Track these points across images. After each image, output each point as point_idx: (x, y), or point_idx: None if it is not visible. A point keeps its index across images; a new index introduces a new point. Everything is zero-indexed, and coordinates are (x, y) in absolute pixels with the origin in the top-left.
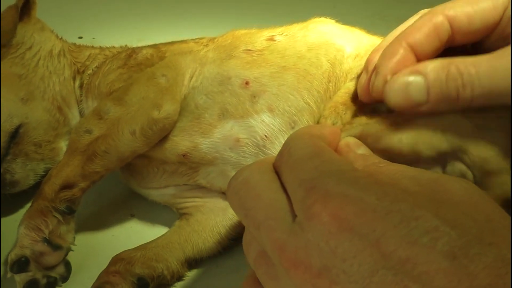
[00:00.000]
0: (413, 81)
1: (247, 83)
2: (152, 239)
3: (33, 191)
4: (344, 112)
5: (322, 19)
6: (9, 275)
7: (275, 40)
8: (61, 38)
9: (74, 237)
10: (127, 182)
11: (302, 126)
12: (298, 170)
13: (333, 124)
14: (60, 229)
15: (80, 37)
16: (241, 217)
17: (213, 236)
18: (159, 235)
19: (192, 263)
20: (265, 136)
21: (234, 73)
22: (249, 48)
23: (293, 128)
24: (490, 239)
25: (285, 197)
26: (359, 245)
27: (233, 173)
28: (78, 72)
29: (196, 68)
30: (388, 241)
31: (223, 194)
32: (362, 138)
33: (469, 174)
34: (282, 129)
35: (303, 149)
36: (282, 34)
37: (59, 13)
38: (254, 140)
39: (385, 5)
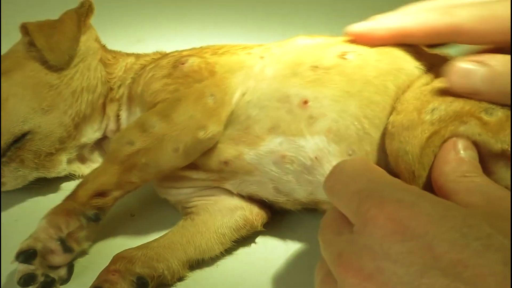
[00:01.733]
0: (478, 70)
1: (305, 102)
2: (153, 239)
3: (33, 192)
4: (450, 101)
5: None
6: (13, 262)
7: (346, 58)
8: (104, 45)
9: (90, 245)
10: None
11: (359, 155)
12: (351, 183)
13: (434, 109)
14: (79, 234)
15: None
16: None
17: (217, 238)
18: (160, 235)
19: (193, 263)
20: (315, 157)
21: (293, 92)
22: (316, 64)
23: (350, 155)
24: None
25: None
26: (411, 246)
27: (270, 184)
28: (111, 89)
29: (250, 85)
30: (440, 244)
31: (240, 195)
32: (476, 142)
33: None
34: (337, 155)
35: (354, 166)
36: (355, 52)
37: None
38: (302, 159)
39: (385, 5)
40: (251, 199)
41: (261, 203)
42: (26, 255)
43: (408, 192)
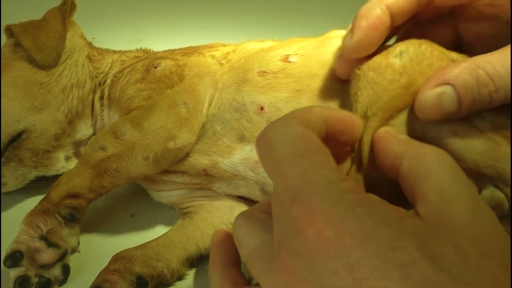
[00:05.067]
0: (444, 93)
1: (262, 108)
2: (152, 239)
3: (32, 192)
4: (419, 44)
5: (338, 32)
6: (2, 269)
7: (290, 61)
8: (90, 42)
9: (78, 242)
10: (137, 181)
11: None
12: (284, 171)
13: (402, 52)
14: (62, 231)
15: None
16: None
17: None
18: (159, 235)
19: (193, 261)
20: None
21: (248, 99)
22: (264, 69)
23: None
24: (472, 280)
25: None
26: (334, 267)
27: (256, 187)
28: (99, 84)
29: (214, 94)
30: (361, 269)
31: (236, 197)
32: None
33: (506, 204)
34: None
35: (288, 142)
36: (297, 54)
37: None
38: None
39: None
40: (246, 199)
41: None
42: (13, 258)
43: (339, 203)
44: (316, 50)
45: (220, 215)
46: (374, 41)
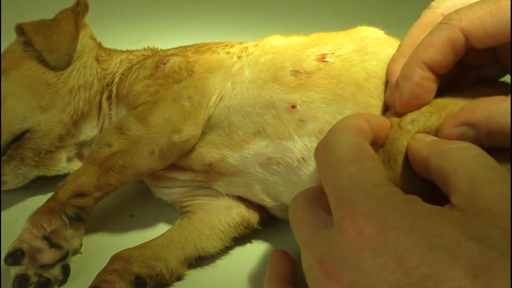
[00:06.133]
0: (466, 133)
1: (293, 106)
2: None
3: (33, 191)
4: (429, 115)
5: (375, 34)
6: (3, 267)
7: (326, 61)
8: (100, 43)
9: (81, 244)
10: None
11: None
12: (336, 173)
13: (413, 121)
14: (66, 232)
15: None
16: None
17: (215, 234)
18: (159, 235)
19: (192, 262)
20: (302, 158)
21: (278, 98)
22: (297, 69)
23: None
24: None
25: (324, 215)
26: (381, 262)
27: (257, 186)
28: (107, 85)
29: (228, 87)
30: (410, 258)
31: (235, 197)
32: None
33: None
34: None
35: (346, 148)
36: (333, 53)
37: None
38: (288, 160)
39: (385, 5)
40: (245, 199)
41: (255, 203)
42: (14, 256)
43: (381, 202)
44: (358, 56)
45: (217, 215)
46: (424, 96)
